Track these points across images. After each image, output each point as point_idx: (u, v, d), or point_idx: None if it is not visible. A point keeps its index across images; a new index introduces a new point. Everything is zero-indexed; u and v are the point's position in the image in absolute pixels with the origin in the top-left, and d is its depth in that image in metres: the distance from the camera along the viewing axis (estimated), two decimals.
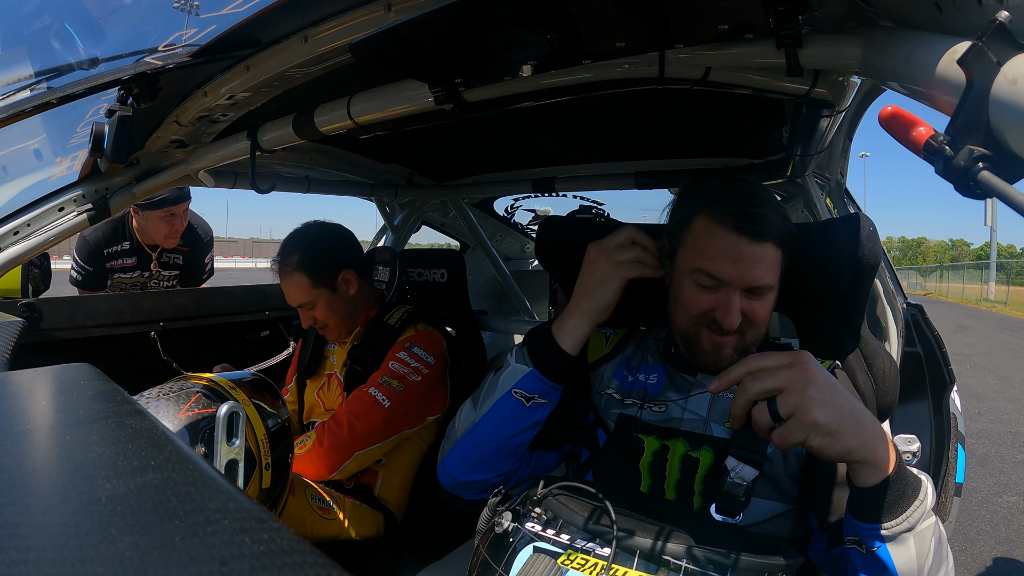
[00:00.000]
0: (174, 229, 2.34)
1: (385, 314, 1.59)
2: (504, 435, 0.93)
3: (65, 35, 1.10)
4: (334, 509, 1.44)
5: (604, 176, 1.85)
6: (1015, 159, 0.41)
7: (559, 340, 0.93)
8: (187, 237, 2.49)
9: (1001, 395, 5.97)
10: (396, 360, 1.49)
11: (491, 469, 0.95)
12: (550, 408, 0.94)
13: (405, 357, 1.50)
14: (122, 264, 2.42)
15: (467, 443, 0.96)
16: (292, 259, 1.51)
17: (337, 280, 1.53)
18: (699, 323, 0.89)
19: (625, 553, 0.70)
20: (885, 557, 0.68)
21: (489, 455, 0.95)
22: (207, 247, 2.61)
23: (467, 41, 0.72)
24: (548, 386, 0.93)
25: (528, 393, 0.93)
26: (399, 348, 1.51)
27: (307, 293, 1.51)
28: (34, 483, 0.38)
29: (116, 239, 2.39)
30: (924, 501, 0.68)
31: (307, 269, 1.50)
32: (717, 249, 0.85)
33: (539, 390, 0.93)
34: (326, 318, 1.54)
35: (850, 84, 0.83)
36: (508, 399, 0.93)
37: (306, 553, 0.28)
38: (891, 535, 0.67)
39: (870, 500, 0.68)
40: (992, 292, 24.95)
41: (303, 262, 1.51)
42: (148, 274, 2.47)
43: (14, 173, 1.44)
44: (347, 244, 1.61)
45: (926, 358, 1.60)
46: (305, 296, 1.52)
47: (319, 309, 1.53)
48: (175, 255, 2.51)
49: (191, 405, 1.04)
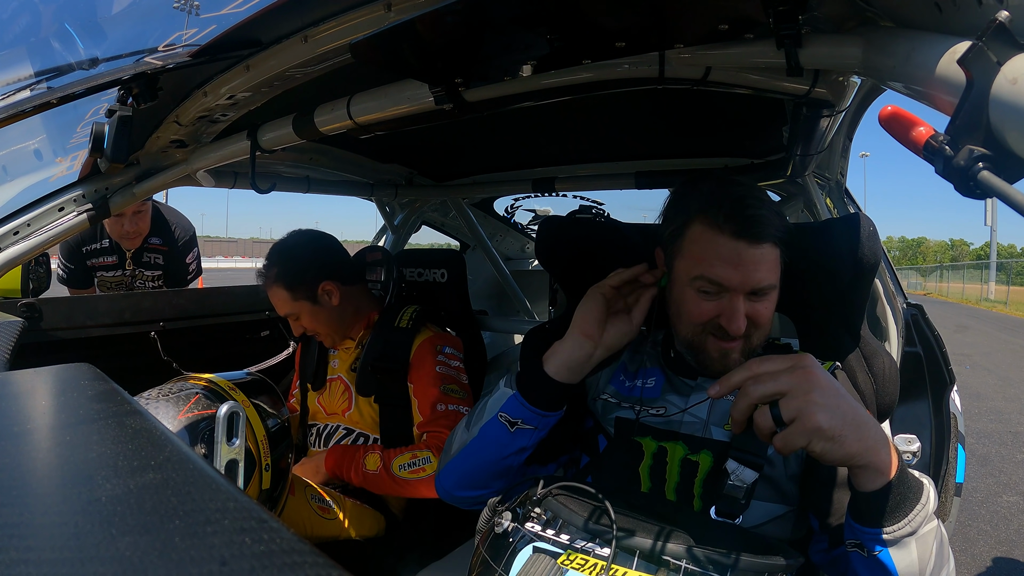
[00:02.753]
0: (126, 230, 2.29)
1: (392, 316, 1.58)
2: (493, 458, 0.92)
3: (65, 35, 1.10)
4: (334, 509, 1.44)
5: (604, 176, 1.85)
6: (1015, 159, 0.41)
7: (545, 364, 0.91)
8: (165, 237, 2.46)
9: (1001, 395, 5.97)
10: (440, 364, 1.50)
11: (484, 487, 0.95)
12: (538, 435, 0.92)
13: (445, 360, 1.51)
14: (103, 262, 2.41)
15: (460, 462, 0.95)
16: (272, 272, 1.51)
17: (317, 292, 1.51)
18: (704, 331, 0.87)
19: (625, 553, 0.70)
20: (887, 561, 0.68)
21: (481, 474, 0.94)
22: (187, 247, 2.57)
23: (467, 41, 0.72)
24: (532, 412, 0.90)
25: (511, 418, 0.91)
26: (429, 351, 1.51)
27: (289, 305, 1.52)
28: (34, 483, 0.38)
29: (95, 238, 2.37)
30: (926, 505, 0.68)
31: (285, 282, 1.50)
32: (717, 255, 0.83)
33: (522, 415, 0.91)
34: (313, 327, 1.55)
35: (850, 84, 0.83)
36: (494, 424, 0.92)
37: (306, 553, 0.28)
38: (893, 539, 0.67)
39: (872, 504, 0.68)
40: (992, 292, 24.95)
41: (281, 275, 1.50)
42: (130, 273, 2.44)
43: (14, 173, 1.44)
44: (328, 255, 1.57)
45: (926, 358, 1.60)
46: (287, 308, 1.53)
47: (304, 319, 1.53)
48: (154, 255, 2.47)
49: (191, 406, 1.04)
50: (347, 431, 1.58)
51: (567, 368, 0.90)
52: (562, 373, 0.90)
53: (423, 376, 1.49)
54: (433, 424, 1.44)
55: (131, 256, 2.42)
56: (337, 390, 1.62)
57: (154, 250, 2.47)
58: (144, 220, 2.34)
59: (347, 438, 1.57)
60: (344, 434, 1.58)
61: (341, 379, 1.61)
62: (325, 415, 1.63)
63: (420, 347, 1.51)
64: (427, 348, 1.51)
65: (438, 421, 1.44)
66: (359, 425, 1.57)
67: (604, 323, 0.91)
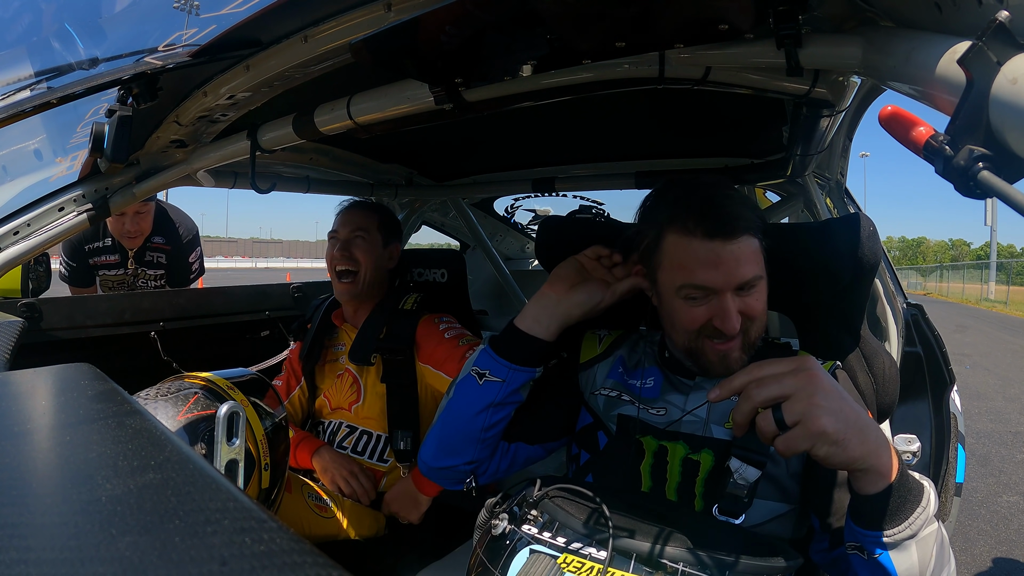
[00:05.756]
0: (127, 230, 2.30)
1: (396, 300, 1.60)
2: (466, 416, 0.97)
3: (65, 35, 1.10)
4: (332, 508, 1.44)
5: (604, 176, 1.85)
6: (1015, 159, 0.41)
7: (516, 320, 0.98)
8: (168, 236, 2.46)
9: (1001, 395, 5.97)
10: (446, 330, 1.54)
11: (459, 454, 0.98)
12: (505, 389, 0.96)
13: (449, 324, 1.57)
14: (104, 261, 2.41)
15: (437, 428, 1.00)
16: (379, 208, 1.68)
17: (390, 244, 1.65)
18: (700, 336, 0.87)
19: (622, 556, 0.70)
20: (887, 563, 0.68)
21: (456, 439, 0.98)
22: (190, 246, 2.57)
23: (467, 41, 0.72)
24: (499, 363, 0.96)
25: (480, 369, 0.97)
26: (432, 324, 1.55)
27: (368, 227, 1.60)
28: (34, 483, 0.38)
29: (96, 236, 2.37)
30: (927, 508, 0.68)
31: (380, 217, 1.63)
32: (695, 260, 0.84)
33: (489, 366, 0.96)
34: (362, 257, 1.57)
35: (850, 84, 0.83)
36: (465, 379, 0.98)
37: (306, 553, 0.28)
38: (893, 542, 0.67)
39: (873, 507, 0.67)
40: (992, 292, 24.93)
41: (378, 208, 1.68)
42: (132, 272, 2.44)
43: (14, 173, 1.44)
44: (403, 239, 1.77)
45: (926, 358, 1.60)
46: (365, 225, 1.60)
47: (363, 244, 1.58)
48: (157, 254, 2.47)
49: (190, 406, 1.04)
50: (350, 429, 1.57)
51: (532, 319, 0.97)
52: (527, 322, 0.97)
53: (435, 347, 1.51)
54: None
55: (133, 255, 2.41)
56: (345, 382, 1.61)
57: (157, 249, 2.47)
58: (146, 221, 2.34)
59: (350, 436, 1.57)
60: (347, 432, 1.57)
61: (349, 371, 1.60)
62: (330, 409, 1.62)
63: (423, 325, 1.54)
64: (428, 323, 1.55)
65: None
66: (365, 422, 1.56)
67: (574, 284, 0.98)
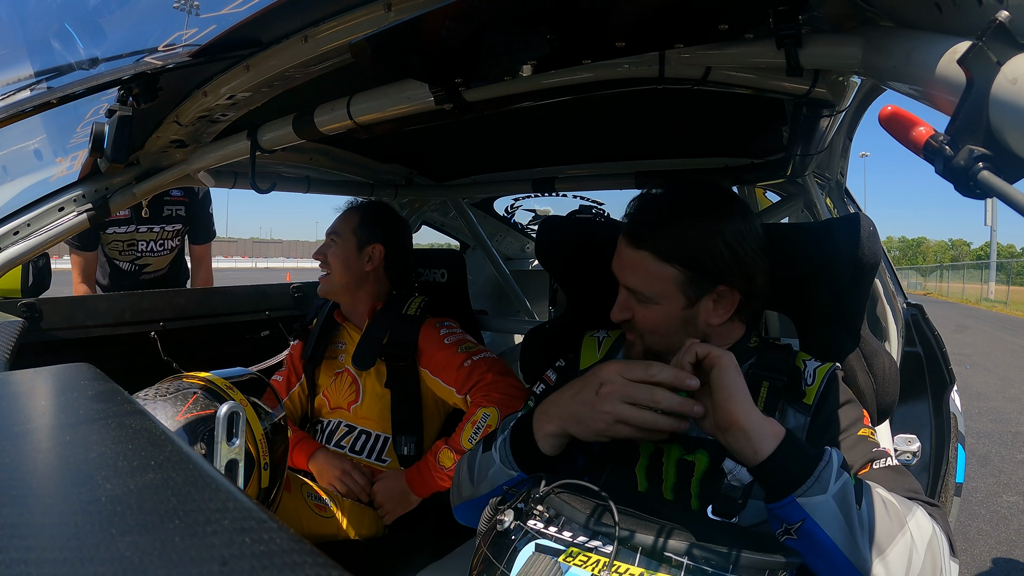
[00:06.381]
0: None
1: (400, 304, 1.59)
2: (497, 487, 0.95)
3: (65, 35, 1.10)
4: (331, 508, 1.44)
5: (604, 176, 1.85)
6: (1015, 159, 0.41)
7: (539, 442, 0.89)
8: (185, 188, 2.41)
9: (1001, 395, 5.97)
10: (447, 336, 1.53)
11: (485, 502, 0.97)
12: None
13: (449, 329, 1.55)
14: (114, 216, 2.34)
15: (473, 506, 0.96)
16: (360, 204, 1.66)
17: (368, 246, 1.58)
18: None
19: (627, 550, 0.70)
20: (813, 528, 0.68)
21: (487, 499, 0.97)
22: (207, 198, 2.55)
23: (467, 41, 0.72)
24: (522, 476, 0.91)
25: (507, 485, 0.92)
26: (433, 330, 1.53)
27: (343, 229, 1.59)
28: (34, 483, 0.38)
29: None
30: (830, 463, 0.70)
31: (361, 218, 1.60)
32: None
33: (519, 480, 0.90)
34: (332, 260, 1.57)
35: (850, 84, 0.83)
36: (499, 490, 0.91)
37: (306, 553, 0.28)
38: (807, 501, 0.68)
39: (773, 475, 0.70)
40: (992, 292, 24.93)
41: (363, 206, 1.64)
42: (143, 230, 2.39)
43: (14, 173, 1.44)
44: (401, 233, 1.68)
45: (926, 358, 1.60)
46: (340, 227, 1.59)
47: (336, 249, 1.57)
48: (176, 207, 2.43)
49: (189, 406, 1.04)
50: (349, 428, 1.57)
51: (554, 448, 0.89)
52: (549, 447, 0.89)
53: (436, 353, 1.50)
54: (469, 382, 1.46)
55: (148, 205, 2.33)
56: (344, 382, 1.61)
57: (176, 202, 2.43)
58: None
59: (348, 436, 1.57)
60: (346, 431, 1.57)
61: (348, 371, 1.61)
62: (329, 408, 1.62)
63: (425, 329, 1.53)
64: (430, 328, 1.54)
65: (472, 375, 1.46)
66: (364, 422, 1.56)
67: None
